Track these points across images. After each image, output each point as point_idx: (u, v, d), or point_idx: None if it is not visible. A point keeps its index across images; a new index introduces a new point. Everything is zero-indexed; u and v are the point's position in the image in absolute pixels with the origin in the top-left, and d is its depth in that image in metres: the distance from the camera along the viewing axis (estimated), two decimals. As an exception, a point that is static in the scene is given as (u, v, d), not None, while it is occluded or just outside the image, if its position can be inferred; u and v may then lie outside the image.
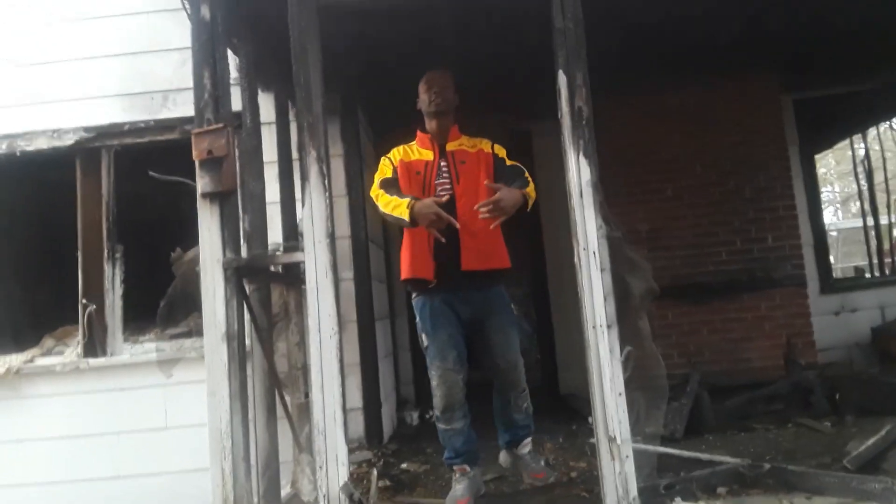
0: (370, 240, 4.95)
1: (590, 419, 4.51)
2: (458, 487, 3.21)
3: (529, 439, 3.39)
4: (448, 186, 3.21)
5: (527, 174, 3.26)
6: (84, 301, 4.75)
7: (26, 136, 4.78)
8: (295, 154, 4.60)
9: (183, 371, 4.37)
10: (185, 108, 4.32)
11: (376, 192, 3.17)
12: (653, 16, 4.34)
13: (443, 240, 2.98)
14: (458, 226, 3.00)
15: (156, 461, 4.46)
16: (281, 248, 3.47)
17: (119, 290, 4.83)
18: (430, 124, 3.33)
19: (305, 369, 3.66)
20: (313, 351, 2.85)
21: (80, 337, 4.77)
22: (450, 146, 3.31)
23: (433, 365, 3.17)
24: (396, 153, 3.34)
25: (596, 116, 5.59)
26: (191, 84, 3.97)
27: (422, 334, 3.25)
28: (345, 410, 2.90)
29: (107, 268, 4.82)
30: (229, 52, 3.28)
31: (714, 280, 5.41)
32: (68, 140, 4.79)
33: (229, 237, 2.93)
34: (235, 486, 2.85)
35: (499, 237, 3.24)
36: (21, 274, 5.41)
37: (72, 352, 4.80)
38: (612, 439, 2.85)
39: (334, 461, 2.83)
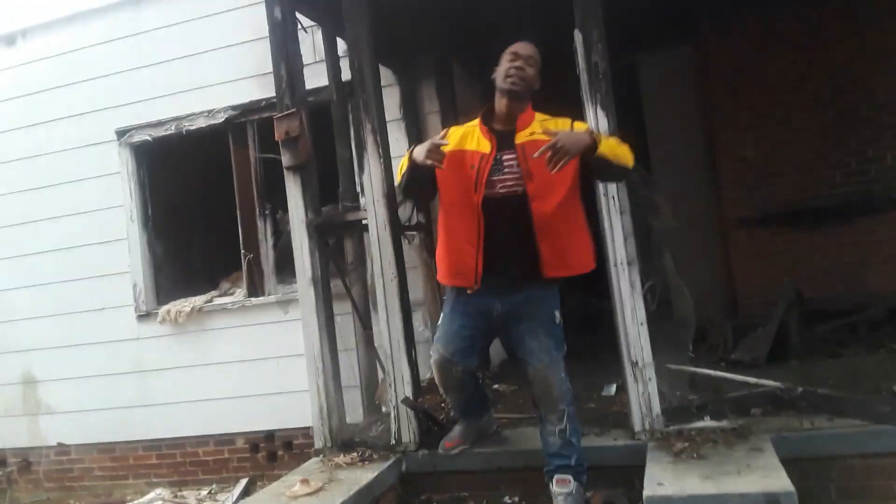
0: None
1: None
2: (455, 429, 3.40)
3: (568, 479, 2.92)
4: (511, 183, 2.86)
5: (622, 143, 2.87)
6: (244, 251, 5.78)
7: (188, 117, 5.82)
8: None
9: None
10: (309, 82, 4.99)
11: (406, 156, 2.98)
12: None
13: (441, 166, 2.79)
14: (445, 143, 2.79)
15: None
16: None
17: (270, 241, 5.79)
18: (500, 103, 2.93)
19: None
20: (378, 291, 3.47)
21: (244, 280, 5.84)
22: (520, 137, 2.89)
23: (434, 347, 3.12)
24: (454, 135, 2.98)
25: (696, 46, 5.59)
26: (310, 61, 4.75)
27: (442, 312, 3.17)
28: (409, 340, 3.51)
29: (259, 223, 5.79)
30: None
31: (827, 204, 5.23)
32: (220, 118, 5.75)
33: (309, 200, 3.59)
34: (328, 398, 3.58)
35: (577, 234, 2.93)
36: (192, 231, 6.57)
37: (239, 293, 5.89)
38: (634, 364, 3.19)
39: (400, 380, 3.47)
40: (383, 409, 4.13)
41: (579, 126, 2.93)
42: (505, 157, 2.89)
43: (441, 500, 3.34)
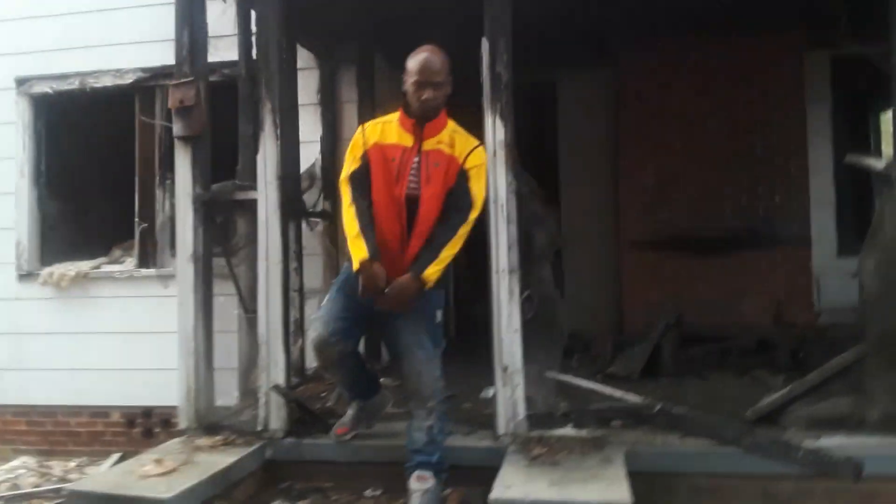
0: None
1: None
2: (347, 414, 3.37)
3: (427, 476, 2.93)
4: (414, 186, 2.93)
5: (470, 214, 2.93)
6: (137, 220, 5.59)
7: (94, 74, 5.59)
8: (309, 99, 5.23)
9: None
10: (225, 52, 4.77)
11: (345, 190, 2.99)
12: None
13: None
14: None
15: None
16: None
17: (168, 213, 5.60)
18: (415, 113, 2.94)
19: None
20: (260, 275, 3.42)
21: (135, 250, 5.65)
22: (427, 144, 2.94)
23: (314, 325, 3.12)
24: (373, 132, 3.01)
25: (607, 67, 5.76)
26: (230, 31, 4.63)
27: (331, 289, 3.18)
28: (287, 327, 3.47)
29: (158, 193, 5.61)
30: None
31: (716, 235, 5.49)
32: (128, 79, 5.55)
33: (199, 174, 3.50)
34: (196, 379, 3.50)
35: None
36: (92, 193, 6.31)
37: (129, 262, 5.69)
38: (504, 368, 3.26)
39: (275, 366, 3.43)
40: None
41: (472, 167, 2.96)
42: (413, 158, 2.95)
43: (303, 489, 3.32)
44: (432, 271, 2.87)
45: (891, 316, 3.09)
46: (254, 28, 4.42)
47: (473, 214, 2.94)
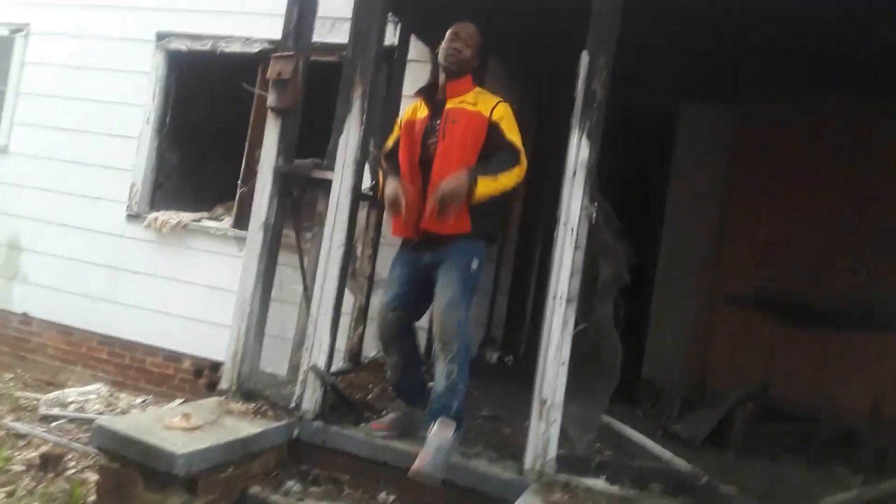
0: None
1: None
2: (388, 415, 3.41)
3: (442, 424, 2.96)
4: (433, 146, 3.13)
5: (520, 156, 3.06)
6: (239, 183, 5.79)
7: (226, 39, 5.85)
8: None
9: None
10: (346, 36, 4.92)
11: (382, 164, 3.34)
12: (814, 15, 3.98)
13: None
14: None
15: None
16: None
17: (269, 179, 5.76)
18: (441, 77, 3.23)
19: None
20: (322, 255, 3.42)
21: (234, 210, 5.85)
22: (450, 103, 3.16)
23: (381, 298, 3.32)
24: (406, 112, 3.32)
25: (735, 105, 5.35)
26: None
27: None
28: (338, 311, 3.45)
29: (263, 159, 5.77)
30: None
31: (825, 307, 4.98)
32: (255, 48, 5.76)
33: (283, 147, 3.54)
34: (245, 344, 3.55)
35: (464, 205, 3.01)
36: (209, 151, 6.61)
37: (227, 221, 5.91)
38: (543, 401, 3.07)
39: (318, 347, 3.41)
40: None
41: (500, 116, 3.13)
42: (437, 122, 3.16)
43: (320, 476, 3.28)
44: (484, 184, 2.97)
45: None
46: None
47: (522, 157, 3.07)
